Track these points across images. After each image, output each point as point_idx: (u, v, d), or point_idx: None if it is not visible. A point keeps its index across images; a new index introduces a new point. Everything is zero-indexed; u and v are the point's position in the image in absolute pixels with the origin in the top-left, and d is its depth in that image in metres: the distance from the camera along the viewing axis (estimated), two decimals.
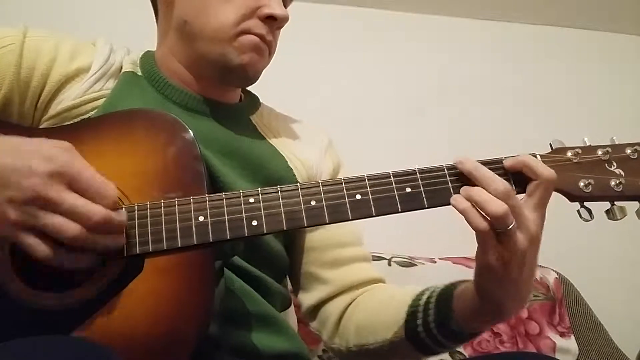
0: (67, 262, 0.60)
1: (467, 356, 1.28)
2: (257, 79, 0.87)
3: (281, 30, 0.88)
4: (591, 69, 1.94)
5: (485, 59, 1.89)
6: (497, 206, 0.61)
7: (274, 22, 0.83)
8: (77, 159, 0.61)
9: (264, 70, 0.87)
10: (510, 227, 0.61)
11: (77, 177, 0.60)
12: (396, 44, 1.85)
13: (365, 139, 1.67)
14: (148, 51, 0.91)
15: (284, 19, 0.83)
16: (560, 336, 1.35)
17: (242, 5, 0.81)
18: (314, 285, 0.90)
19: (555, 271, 1.46)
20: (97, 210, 0.59)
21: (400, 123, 1.78)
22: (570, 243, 1.59)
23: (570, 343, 1.35)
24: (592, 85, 1.92)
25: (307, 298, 0.90)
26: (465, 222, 0.64)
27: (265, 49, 0.84)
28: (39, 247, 0.59)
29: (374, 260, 1.27)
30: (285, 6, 0.86)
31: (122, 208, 0.64)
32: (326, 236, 0.89)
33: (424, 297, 0.78)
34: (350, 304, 0.87)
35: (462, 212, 0.64)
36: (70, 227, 0.58)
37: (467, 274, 1.36)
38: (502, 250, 0.63)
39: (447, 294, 0.75)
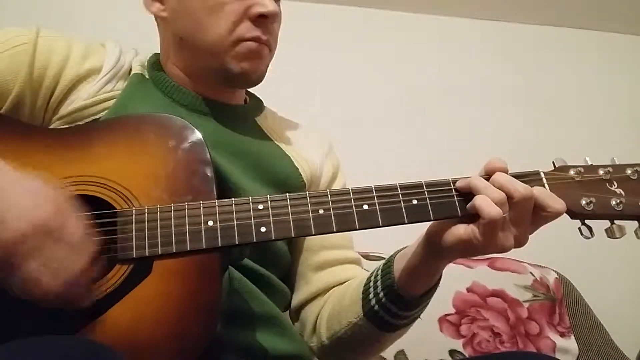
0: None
1: (467, 356, 1.28)
2: (262, 80, 0.88)
3: (280, 29, 0.88)
4: (591, 69, 1.94)
5: (486, 59, 1.89)
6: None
7: (265, 20, 0.82)
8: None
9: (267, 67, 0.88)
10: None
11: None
12: (396, 44, 1.85)
13: (365, 139, 1.67)
14: (155, 54, 0.92)
15: (273, 14, 0.82)
16: (560, 336, 1.35)
17: (231, 13, 0.81)
18: (300, 285, 0.91)
19: (555, 271, 1.46)
20: None
21: (400, 123, 1.78)
22: (570, 243, 1.58)
23: (570, 343, 1.35)
24: (592, 86, 1.92)
25: (294, 298, 0.92)
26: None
27: (264, 48, 0.84)
28: None
29: (373, 260, 1.28)
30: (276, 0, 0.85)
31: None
32: (322, 238, 0.90)
33: (375, 272, 0.81)
34: (324, 305, 0.89)
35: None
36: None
37: (467, 274, 1.37)
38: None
39: (389, 261, 0.79)
